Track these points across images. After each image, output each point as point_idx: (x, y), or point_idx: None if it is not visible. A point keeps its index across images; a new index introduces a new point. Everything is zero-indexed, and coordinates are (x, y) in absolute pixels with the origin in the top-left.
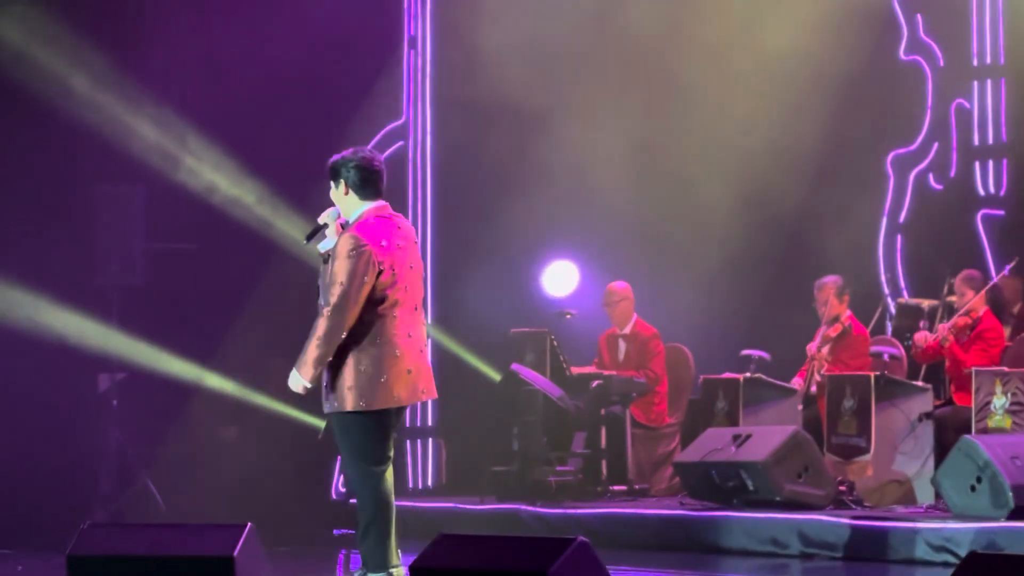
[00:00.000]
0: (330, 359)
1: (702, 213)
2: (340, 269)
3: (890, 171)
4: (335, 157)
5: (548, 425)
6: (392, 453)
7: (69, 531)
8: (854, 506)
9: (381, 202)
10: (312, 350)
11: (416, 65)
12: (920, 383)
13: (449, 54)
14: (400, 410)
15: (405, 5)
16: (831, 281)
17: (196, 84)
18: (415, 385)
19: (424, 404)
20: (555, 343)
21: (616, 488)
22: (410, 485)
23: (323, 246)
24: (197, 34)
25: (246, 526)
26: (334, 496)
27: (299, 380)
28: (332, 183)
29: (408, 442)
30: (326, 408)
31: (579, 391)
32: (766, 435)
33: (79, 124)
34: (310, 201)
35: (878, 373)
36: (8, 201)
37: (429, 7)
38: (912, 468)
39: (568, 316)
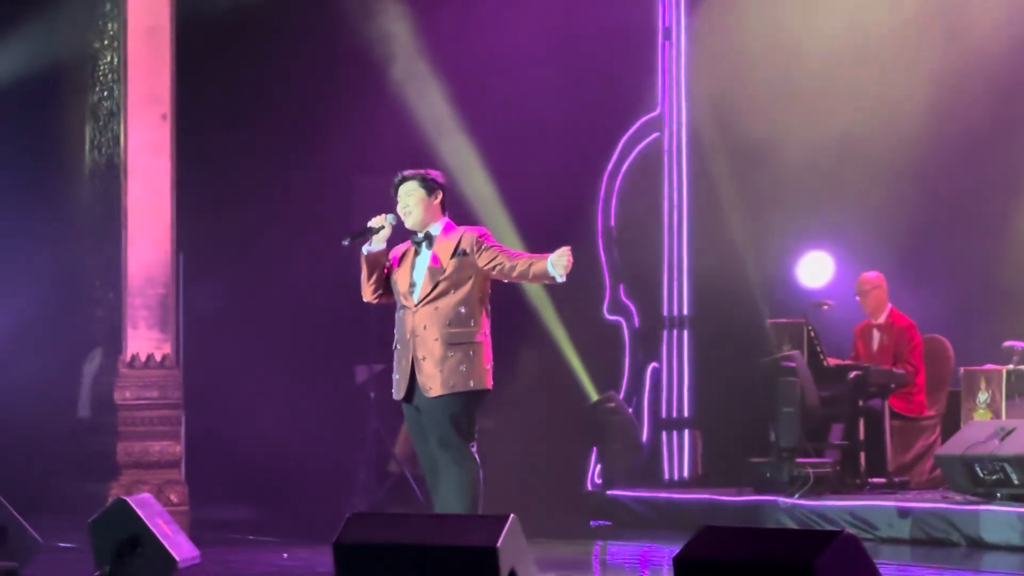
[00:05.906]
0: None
1: (960, 203)
2: (498, 243)
3: None
4: (441, 177)
5: (805, 416)
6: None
7: (331, 521)
8: None
9: None
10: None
11: (671, 56)
12: None
13: (705, 45)
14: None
15: None
16: None
17: (456, 77)
18: None
19: (680, 395)
20: (812, 334)
21: (875, 480)
22: (665, 476)
23: (368, 248)
24: (458, 29)
25: (509, 517)
26: (590, 487)
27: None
28: (425, 191)
29: (664, 433)
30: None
31: (836, 382)
32: None
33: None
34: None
35: None
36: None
37: None
38: None
39: (825, 307)
